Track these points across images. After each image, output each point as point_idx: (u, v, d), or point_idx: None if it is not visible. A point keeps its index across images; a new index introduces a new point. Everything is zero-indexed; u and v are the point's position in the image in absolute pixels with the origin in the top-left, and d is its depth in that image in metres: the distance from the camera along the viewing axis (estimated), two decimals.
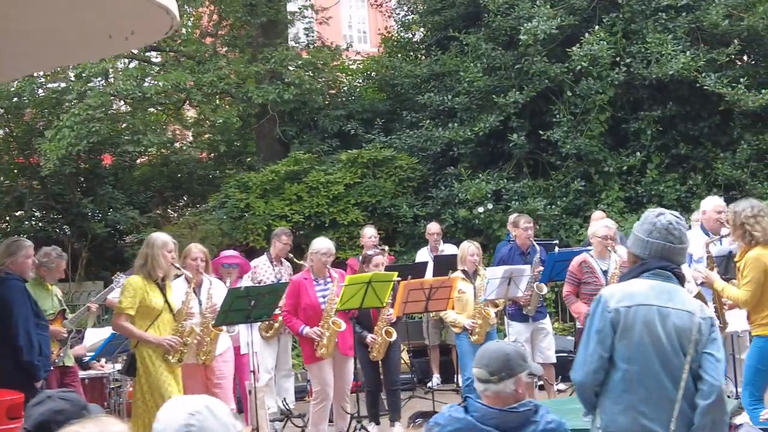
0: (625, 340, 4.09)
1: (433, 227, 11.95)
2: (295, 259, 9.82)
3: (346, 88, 18.67)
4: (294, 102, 16.58)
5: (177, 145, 18.75)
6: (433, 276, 10.31)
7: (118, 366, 8.71)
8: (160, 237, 7.40)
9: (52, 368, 7.76)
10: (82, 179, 17.57)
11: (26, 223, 16.11)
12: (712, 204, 8.94)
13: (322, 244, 8.38)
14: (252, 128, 17.95)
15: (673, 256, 4.19)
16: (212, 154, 20.13)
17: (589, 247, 8.98)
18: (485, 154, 15.17)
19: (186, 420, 2.78)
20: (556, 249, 9.56)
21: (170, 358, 7.21)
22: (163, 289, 7.33)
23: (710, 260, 7.91)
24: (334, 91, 18.23)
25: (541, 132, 14.08)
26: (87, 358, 8.57)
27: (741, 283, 6.92)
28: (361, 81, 19.04)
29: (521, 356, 3.86)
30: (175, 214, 18.57)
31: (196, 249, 7.92)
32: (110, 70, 14.54)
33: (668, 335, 4.04)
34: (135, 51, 16.38)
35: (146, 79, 14.80)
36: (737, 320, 7.67)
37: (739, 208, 6.89)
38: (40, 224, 17.15)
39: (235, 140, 19.64)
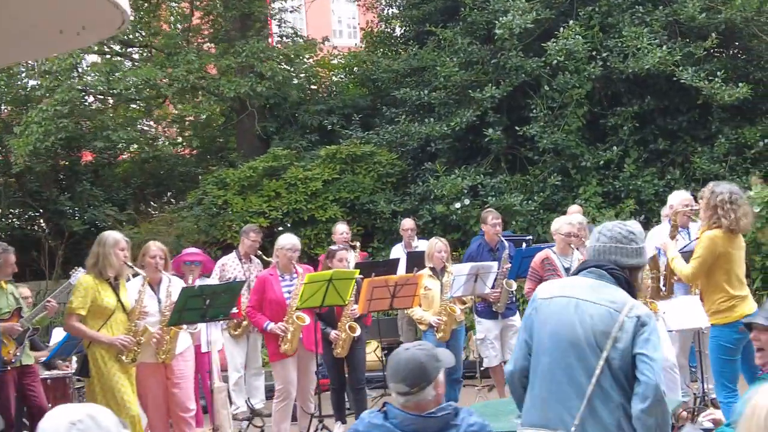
0: (542, 330, 4.08)
1: (408, 223, 11.82)
2: (264, 257, 9.74)
3: (327, 84, 18.59)
4: (274, 97, 16.49)
5: (154, 141, 18.58)
6: (407, 272, 10.23)
7: None
8: (112, 235, 7.29)
9: (8, 368, 7.67)
10: (62, 176, 17.46)
11: (2, 220, 15.94)
12: (678, 198, 8.83)
13: (288, 240, 8.31)
14: (232, 124, 17.87)
15: (605, 255, 4.14)
16: (195, 151, 20.07)
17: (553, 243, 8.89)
18: (463, 149, 15.07)
19: (67, 429, 2.67)
20: (524, 245, 9.44)
21: (123, 357, 7.11)
22: (115, 289, 7.23)
23: (674, 228, 7.81)
24: (315, 87, 18.16)
25: (517, 128, 13.95)
26: (44, 359, 8.41)
27: (691, 258, 6.83)
28: (343, 76, 18.95)
29: (434, 357, 3.74)
30: (157, 212, 18.46)
31: (155, 246, 7.80)
32: (80, 66, 14.33)
33: (584, 329, 3.97)
34: (116, 47, 16.29)
35: (117, 75, 14.60)
36: (699, 317, 7.55)
37: (719, 190, 6.72)
38: (16, 222, 17.01)
39: (218, 136, 19.59)
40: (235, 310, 7.94)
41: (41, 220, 17.27)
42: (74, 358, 8.91)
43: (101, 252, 7.16)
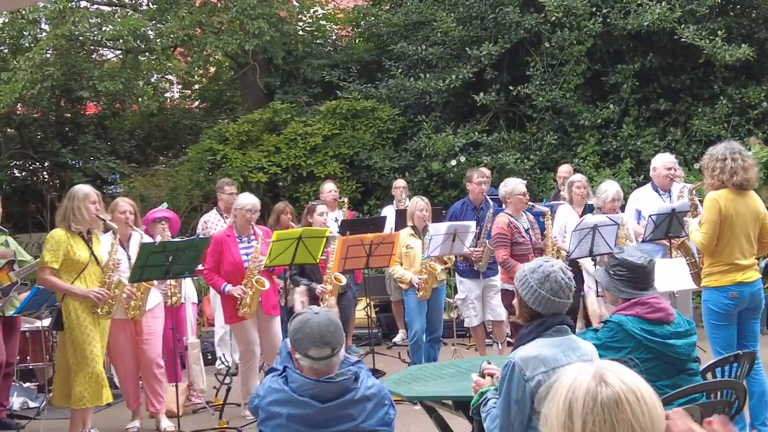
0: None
1: (399, 182, 11.77)
2: None
3: (333, 38, 18.42)
4: (276, 50, 16.34)
5: (160, 93, 18.49)
6: (396, 230, 10.20)
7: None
8: (82, 189, 7.27)
9: None
10: (66, 129, 17.47)
11: (0, 173, 15.93)
12: (662, 161, 8.75)
13: (248, 200, 8.05)
14: (236, 78, 17.79)
15: (562, 309, 4.05)
16: (203, 105, 20.03)
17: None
18: (463, 105, 14.87)
19: None
20: (503, 204, 9.29)
21: (98, 310, 7.11)
22: (88, 242, 7.21)
23: (693, 207, 7.62)
24: (320, 41, 17.99)
25: (511, 87, 13.72)
26: (11, 312, 8.43)
27: (700, 225, 6.66)
28: (350, 30, 18.75)
29: (338, 317, 3.73)
30: (163, 165, 18.47)
31: (123, 202, 7.77)
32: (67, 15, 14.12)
33: None
34: None
35: (97, 21, 14.37)
36: (678, 280, 7.46)
37: (715, 151, 6.55)
38: (17, 173, 17.06)
39: (225, 90, 19.51)
40: (200, 267, 7.86)
41: (44, 173, 17.31)
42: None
43: (71, 206, 7.15)
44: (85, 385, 7.06)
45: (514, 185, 8.51)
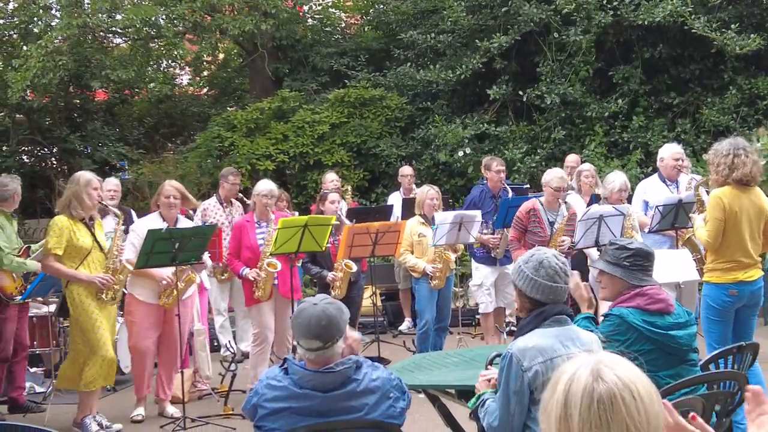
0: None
1: (406, 170, 11.79)
2: (246, 199, 9.78)
3: (341, 26, 18.40)
4: (286, 38, 16.31)
5: (170, 80, 18.44)
6: (402, 218, 10.20)
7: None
8: (84, 176, 7.25)
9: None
10: (75, 115, 17.48)
11: (9, 159, 15.95)
12: (669, 151, 8.70)
13: (264, 186, 8.14)
14: (245, 65, 17.77)
15: (562, 295, 4.03)
16: (212, 92, 20.02)
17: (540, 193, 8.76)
18: (471, 95, 14.84)
19: None
20: (510, 194, 9.28)
21: (103, 296, 7.11)
22: (91, 228, 7.22)
23: (699, 203, 7.59)
24: (329, 29, 17.97)
25: (520, 93, 13.67)
26: (19, 298, 8.44)
27: (705, 222, 6.64)
28: (358, 18, 18.73)
29: (341, 310, 3.70)
30: (172, 152, 18.47)
31: (169, 186, 7.74)
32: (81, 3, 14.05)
33: None
34: None
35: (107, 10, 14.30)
36: (679, 271, 7.44)
37: (720, 147, 6.53)
38: (26, 159, 17.09)
39: (234, 77, 19.50)
40: (207, 254, 7.87)
41: (52, 159, 17.32)
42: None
43: (74, 191, 7.15)
44: (97, 368, 7.08)
45: (549, 178, 8.43)
